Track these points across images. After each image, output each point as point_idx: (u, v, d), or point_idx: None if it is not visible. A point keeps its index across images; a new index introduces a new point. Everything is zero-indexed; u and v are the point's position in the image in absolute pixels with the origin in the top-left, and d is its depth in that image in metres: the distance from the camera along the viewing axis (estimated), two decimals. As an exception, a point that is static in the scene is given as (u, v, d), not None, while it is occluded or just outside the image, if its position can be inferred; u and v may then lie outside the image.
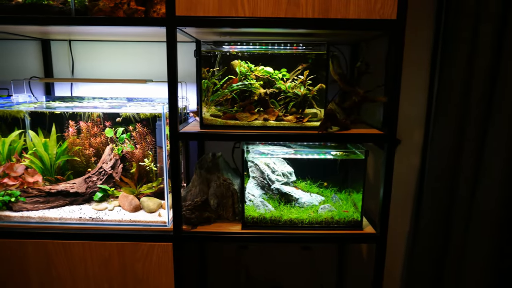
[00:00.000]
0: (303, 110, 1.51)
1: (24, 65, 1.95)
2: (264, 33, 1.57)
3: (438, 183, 1.80)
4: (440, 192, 1.80)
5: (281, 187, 1.60)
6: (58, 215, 1.52)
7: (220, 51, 1.51)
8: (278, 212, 1.52)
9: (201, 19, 1.29)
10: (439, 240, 1.84)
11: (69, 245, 1.47)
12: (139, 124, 1.68)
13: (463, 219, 1.76)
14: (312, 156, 1.56)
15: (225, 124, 1.44)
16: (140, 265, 1.48)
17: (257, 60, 1.55)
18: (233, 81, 1.47)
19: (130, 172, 1.68)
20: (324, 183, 1.69)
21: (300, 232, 1.48)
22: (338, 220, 1.51)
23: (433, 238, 1.84)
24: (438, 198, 1.81)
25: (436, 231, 1.83)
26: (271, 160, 1.64)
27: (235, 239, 1.48)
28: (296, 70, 1.54)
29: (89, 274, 1.50)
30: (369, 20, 1.31)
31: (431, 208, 1.82)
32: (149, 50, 1.92)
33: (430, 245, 1.85)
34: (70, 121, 1.69)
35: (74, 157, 1.68)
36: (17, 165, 1.61)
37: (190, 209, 1.49)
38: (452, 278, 1.83)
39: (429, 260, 1.87)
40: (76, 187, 1.61)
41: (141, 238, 1.47)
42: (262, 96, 1.48)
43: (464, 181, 1.72)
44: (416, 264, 1.91)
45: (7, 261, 1.49)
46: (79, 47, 1.94)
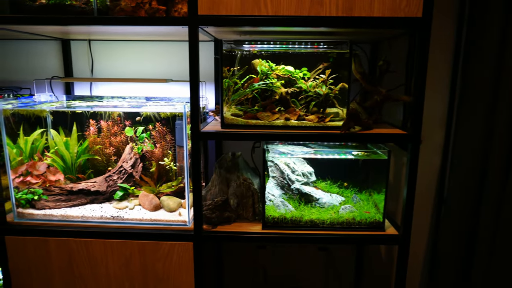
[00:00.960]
0: (324, 110, 1.50)
1: (44, 65, 1.97)
2: (284, 32, 1.55)
3: (463, 183, 1.76)
4: (465, 193, 1.76)
5: (301, 187, 1.59)
6: (79, 213, 1.53)
7: (240, 50, 1.50)
8: (298, 213, 1.51)
9: (224, 18, 1.29)
10: (464, 244, 1.80)
11: (91, 243, 1.49)
12: (159, 123, 1.68)
13: (491, 223, 1.71)
14: (334, 156, 1.54)
15: (246, 123, 1.43)
16: (160, 264, 1.49)
17: (277, 59, 1.54)
18: (254, 80, 1.46)
19: (149, 171, 1.69)
20: (344, 183, 1.67)
21: (321, 232, 1.47)
22: (359, 221, 1.49)
23: (457, 242, 1.80)
24: (463, 199, 1.77)
25: (461, 234, 1.80)
26: (291, 160, 1.63)
27: (256, 239, 1.48)
28: (317, 69, 1.52)
29: (110, 273, 1.51)
30: (394, 18, 1.28)
31: (455, 210, 1.79)
32: (167, 50, 1.93)
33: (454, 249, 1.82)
34: (91, 120, 1.71)
35: (95, 156, 1.70)
36: (40, 164, 1.62)
37: (211, 209, 1.48)
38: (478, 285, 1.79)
39: (453, 264, 1.84)
40: (97, 186, 1.62)
41: (162, 237, 1.47)
42: (283, 96, 1.47)
43: (492, 182, 1.68)
44: (439, 267, 1.88)
45: (31, 258, 1.51)
46: (98, 46, 1.95)
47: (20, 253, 1.51)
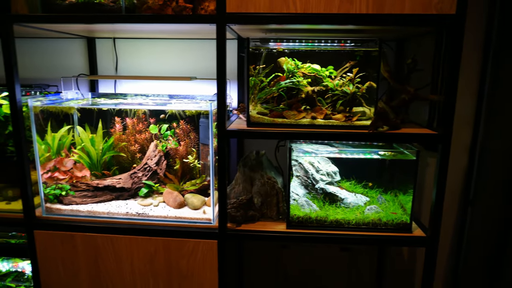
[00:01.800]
0: (351, 109, 1.48)
1: (70, 63, 2.00)
2: (310, 30, 1.54)
3: (492, 184, 1.71)
4: (494, 194, 1.72)
5: (326, 187, 1.58)
6: (105, 209, 1.55)
7: (266, 48, 1.49)
8: (323, 212, 1.50)
9: (252, 15, 1.28)
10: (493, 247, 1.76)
11: (117, 239, 1.50)
12: (183, 121, 1.69)
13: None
14: (360, 156, 1.52)
15: (272, 122, 1.42)
16: (185, 261, 1.50)
17: (302, 57, 1.53)
18: (280, 78, 1.45)
19: (173, 168, 1.69)
20: (369, 183, 1.65)
21: (347, 233, 1.45)
22: (386, 222, 1.47)
23: (485, 244, 1.76)
24: (491, 201, 1.73)
25: (489, 236, 1.76)
26: (316, 159, 1.61)
27: (280, 238, 1.47)
28: (343, 68, 1.50)
29: (135, 269, 1.53)
30: (426, 15, 1.25)
31: (483, 211, 1.75)
32: (190, 48, 1.93)
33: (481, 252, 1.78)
34: (116, 118, 1.72)
35: (120, 153, 1.71)
36: (67, 160, 1.65)
37: (235, 207, 1.48)
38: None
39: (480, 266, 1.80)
40: (122, 182, 1.63)
41: (186, 234, 1.47)
42: (309, 94, 1.45)
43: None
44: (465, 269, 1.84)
45: (58, 252, 1.53)
46: (122, 44, 1.97)
47: (48, 247, 1.54)
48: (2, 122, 1.64)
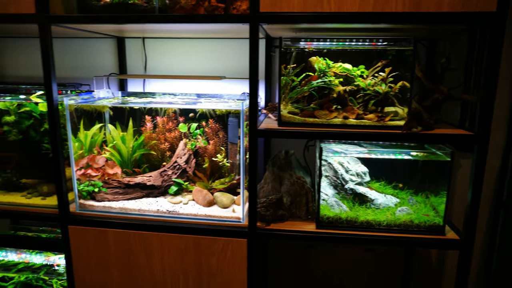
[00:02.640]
0: (383, 109, 1.46)
1: (101, 62, 2.04)
2: (342, 29, 1.52)
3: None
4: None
5: (356, 187, 1.56)
6: (136, 206, 1.58)
7: (297, 47, 1.48)
8: (354, 213, 1.48)
9: (286, 15, 1.28)
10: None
11: (148, 236, 1.53)
12: (212, 120, 1.70)
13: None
14: (391, 157, 1.50)
15: (303, 121, 1.42)
16: (214, 259, 1.51)
17: (333, 56, 1.52)
18: (312, 78, 1.44)
19: (202, 167, 1.71)
20: (400, 184, 1.62)
21: (378, 234, 1.44)
22: (418, 224, 1.44)
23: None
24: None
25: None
26: (345, 159, 1.60)
27: (310, 238, 1.46)
28: (375, 67, 1.48)
29: (165, 265, 1.55)
30: (465, 13, 1.22)
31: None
32: (218, 47, 1.94)
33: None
34: (147, 116, 1.75)
35: (151, 151, 1.74)
36: (99, 157, 1.68)
37: (265, 206, 1.48)
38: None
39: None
40: (152, 180, 1.66)
41: (216, 233, 1.49)
42: (341, 94, 1.44)
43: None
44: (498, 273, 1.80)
45: (91, 247, 1.57)
46: (151, 44, 1.99)
47: (81, 242, 1.57)
48: (38, 120, 1.69)
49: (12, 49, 2.10)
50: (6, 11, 1.39)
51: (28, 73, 2.12)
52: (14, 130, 1.68)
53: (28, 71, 2.12)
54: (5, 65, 2.13)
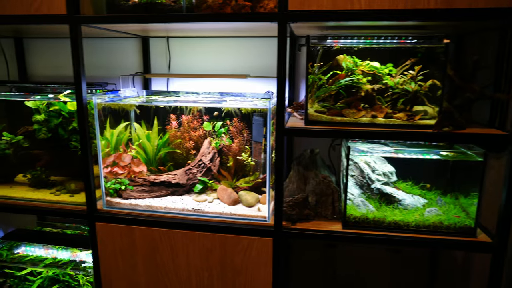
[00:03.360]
0: (411, 108, 1.43)
1: (124, 62, 2.07)
2: (369, 27, 1.51)
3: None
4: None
5: (382, 187, 1.54)
6: (162, 204, 1.59)
7: (324, 45, 1.47)
8: (381, 213, 1.46)
9: (316, 13, 1.26)
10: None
11: (174, 234, 1.54)
12: (236, 119, 1.70)
13: None
14: (420, 156, 1.47)
15: (330, 120, 1.41)
16: (239, 257, 1.51)
17: (360, 54, 1.50)
18: (339, 76, 1.43)
19: (226, 165, 1.71)
20: (427, 184, 1.59)
21: (406, 235, 1.41)
22: (448, 225, 1.41)
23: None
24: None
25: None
26: (371, 158, 1.58)
27: (337, 238, 1.45)
28: (404, 65, 1.46)
29: (190, 263, 1.56)
30: (498, 9, 1.19)
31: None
32: (243, 46, 1.94)
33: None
34: (172, 115, 1.76)
35: (176, 150, 1.75)
36: (125, 155, 1.71)
37: (291, 206, 1.48)
38: None
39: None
40: (177, 178, 1.67)
41: (242, 231, 1.49)
42: (369, 92, 1.42)
43: None
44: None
45: (117, 244, 1.59)
46: (175, 43, 2.01)
47: (108, 239, 1.60)
48: (66, 118, 1.73)
49: (37, 50, 2.15)
50: (39, 12, 1.42)
51: (53, 73, 2.16)
52: (43, 128, 1.72)
53: (53, 71, 2.16)
54: (31, 65, 2.18)
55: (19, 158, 1.81)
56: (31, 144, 1.80)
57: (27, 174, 1.79)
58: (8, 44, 2.15)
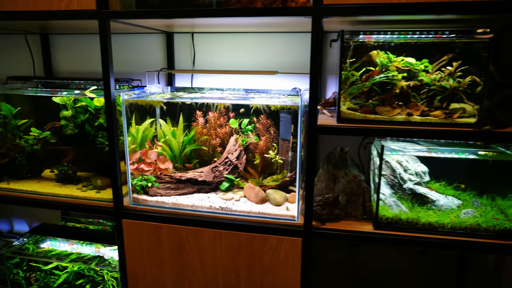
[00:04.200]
0: (448, 105, 1.38)
1: (148, 58, 2.06)
2: (401, 21, 1.45)
3: None
4: None
5: (415, 187, 1.49)
6: (189, 202, 1.58)
7: (358, 40, 1.42)
8: (414, 214, 1.42)
9: (352, 7, 1.22)
10: None
11: (201, 232, 1.52)
12: (263, 116, 1.67)
13: None
14: (456, 156, 1.42)
15: (364, 118, 1.36)
16: (267, 257, 1.49)
17: (393, 50, 1.45)
18: (373, 72, 1.38)
19: (253, 163, 1.69)
20: (461, 185, 1.54)
21: (441, 237, 1.36)
22: (486, 227, 1.36)
23: None
24: None
25: None
26: (404, 157, 1.53)
27: (368, 239, 1.41)
28: (441, 61, 1.40)
29: (217, 262, 1.54)
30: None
31: None
32: (268, 41, 1.90)
33: None
34: (198, 112, 1.74)
35: (202, 147, 1.73)
36: (151, 152, 1.70)
37: (321, 205, 1.44)
38: None
39: None
40: (204, 176, 1.65)
41: (270, 231, 1.46)
42: (404, 89, 1.37)
43: None
44: None
45: (144, 241, 1.59)
46: (199, 39, 1.99)
47: (135, 236, 1.59)
48: (93, 114, 1.72)
49: (63, 46, 2.16)
50: (69, 7, 1.41)
51: (78, 69, 2.17)
52: (70, 124, 1.72)
53: (78, 67, 2.17)
54: (57, 61, 2.19)
55: (46, 154, 1.82)
56: (58, 140, 1.81)
57: (54, 169, 1.80)
58: (34, 40, 2.16)
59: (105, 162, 1.69)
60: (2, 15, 1.50)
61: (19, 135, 1.82)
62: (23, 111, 1.85)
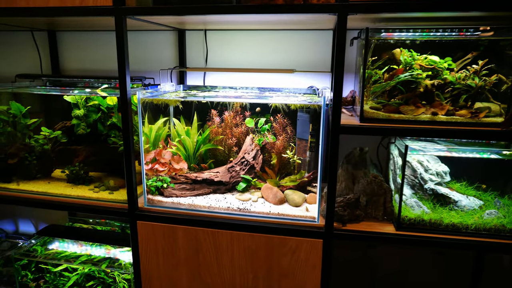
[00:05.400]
0: (473, 104, 1.35)
1: (159, 55, 2.02)
2: (425, 18, 1.43)
3: None
4: None
5: (436, 188, 1.47)
6: (206, 203, 1.54)
7: (378, 38, 1.39)
8: (437, 215, 1.39)
9: (379, 4, 1.19)
10: None
11: (218, 234, 1.49)
12: (280, 115, 1.64)
13: None
14: (478, 156, 1.40)
15: (388, 117, 1.34)
16: (286, 259, 1.46)
17: (415, 48, 1.42)
18: (397, 71, 1.36)
19: (270, 163, 1.66)
20: (482, 185, 1.52)
21: (465, 238, 1.34)
22: (511, 228, 1.34)
23: None
24: None
25: None
26: (424, 157, 1.51)
27: (391, 240, 1.39)
28: (465, 59, 1.38)
29: (235, 264, 1.51)
30: None
31: None
32: (284, 39, 1.87)
33: None
34: (213, 110, 1.71)
35: (218, 146, 1.70)
36: (165, 152, 1.66)
37: (342, 206, 1.42)
38: None
39: None
40: (220, 176, 1.62)
41: (289, 232, 1.43)
42: (428, 88, 1.34)
43: None
44: None
45: (159, 243, 1.55)
46: (212, 36, 1.95)
47: (150, 238, 1.56)
48: (105, 113, 1.68)
49: (70, 43, 2.11)
50: (84, 3, 1.37)
51: (85, 67, 2.12)
52: (82, 123, 1.68)
53: (86, 65, 2.12)
54: (64, 58, 2.14)
55: (57, 154, 1.78)
56: (68, 139, 1.77)
57: (65, 169, 1.76)
58: (41, 37, 2.11)
59: (118, 162, 1.65)
60: (14, 11, 1.45)
61: (28, 135, 1.77)
62: (32, 110, 1.80)
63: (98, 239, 1.97)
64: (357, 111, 1.50)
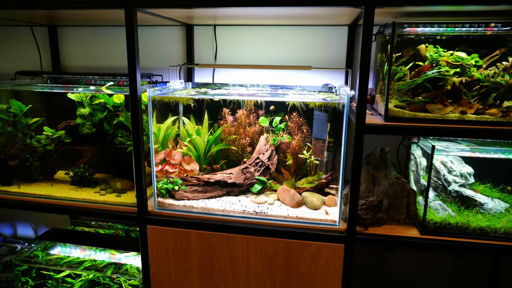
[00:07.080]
0: (501, 102, 1.30)
1: (165, 51, 1.94)
2: (449, 13, 1.37)
3: None
4: None
5: (461, 190, 1.41)
6: (219, 206, 1.47)
7: (402, 33, 1.33)
8: (464, 218, 1.34)
9: (409, -4, 1.13)
10: None
11: (233, 239, 1.42)
12: (295, 113, 1.57)
13: None
14: (503, 156, 1.34)
15: (413, 116, 1.27)
16: (306, 265, 1.39)
17: (440, 43, 1.36)
18: (423, 68, 1.29)
19: (286, 164, 1.59)
20: (508, 187, 1.46)
21: (495, 243, 1.29)
22: (541, 232, 1.29)
23: None
24: None
25: None
26: (448, 158, 1.45)
27: (416, 245, 1.33)
28: (493, 55, 1.32)
29: (251, 270, 1.44)
30: None
31: None
32: (296, 34, 1.80)
33: None
34: (225, 109, 1.63)
35: (231, 146, 1.63)
36: (175, 152, 1.58)
37: (365, 209, 1.35)
38: None
39: None
40: (233, 178, 1.55)
41: (309, 236, 1.37)
42: (456, 86, 1.28)
43: None
44: None
45: (170, 248, 1.48)
46: (221, 32, 1.87)
47: (160, 242, 1.48)
48: (111, 112, 1.60)
49: (72, 39, 2.02)
50: (92, -5, 1.29)
51: (87, 64, 2.04)
52: (87, 123, 1.59)
53: (87, 61, 2.03)
54: (65, 55, 2.05)
55: (60, 155, 1.69)
56: (72, 140, 1.68)
57: (69, 171, 1.67)
58: (41, 32, 2.02)
59: (125, 163, 1.57)
60: (17, 4, 1.36)
61: (30, 135, 1.68)
62: (34, 109, 1.71)
63: (102, 244, 1.89)
64: (378, 109, 1.44)
